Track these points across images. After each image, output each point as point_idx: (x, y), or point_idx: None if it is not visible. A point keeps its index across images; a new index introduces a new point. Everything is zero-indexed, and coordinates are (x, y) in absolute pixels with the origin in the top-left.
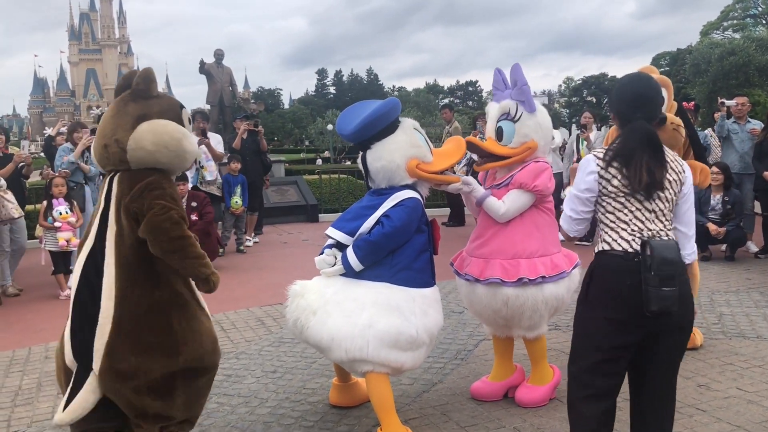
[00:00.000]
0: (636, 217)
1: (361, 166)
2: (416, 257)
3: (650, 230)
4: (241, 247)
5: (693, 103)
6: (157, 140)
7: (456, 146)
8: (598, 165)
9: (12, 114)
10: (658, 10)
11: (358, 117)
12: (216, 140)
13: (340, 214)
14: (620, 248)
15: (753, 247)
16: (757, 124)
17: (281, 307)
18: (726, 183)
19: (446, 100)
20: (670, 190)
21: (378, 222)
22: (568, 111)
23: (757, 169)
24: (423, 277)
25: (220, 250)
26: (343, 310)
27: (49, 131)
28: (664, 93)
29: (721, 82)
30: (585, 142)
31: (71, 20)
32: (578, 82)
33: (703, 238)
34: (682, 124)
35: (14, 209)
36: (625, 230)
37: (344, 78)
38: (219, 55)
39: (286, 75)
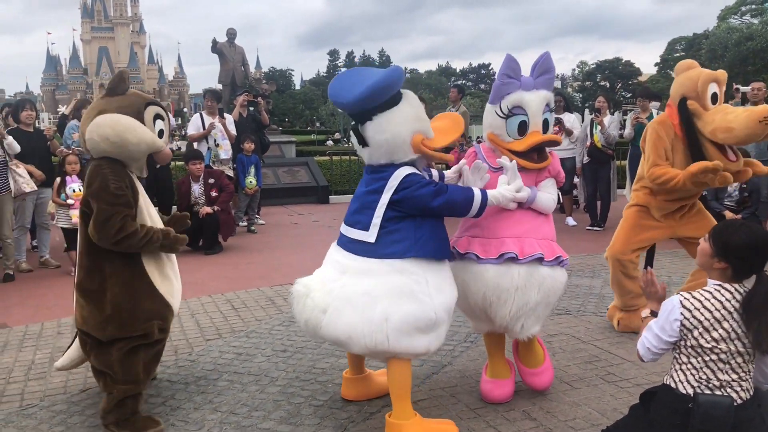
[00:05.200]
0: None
1: (354, 138)
2: (438, 226)
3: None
4: (252, 227)
5: None
6: (100, 132)
7: (453, 123)
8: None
9: (25, 91)
10: None
11: (360, 84)
12: (228, 121)
13: (350, 196)
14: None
15: None
16: None
17: (292, 287)
18: None
19: (459, 83)
20: None
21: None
22: (581, 95)
23: None
24: (446, 247)
25: None
26: (354, 306)
27: (63, 109)
28: (717, 89)
29: (738, 67)
30: (599, 127)
31: None
32: (592, 66)
33: None
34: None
35: (25, 184)
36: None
37: (356, 59)
38: (231, 34)
39: (299, 56)
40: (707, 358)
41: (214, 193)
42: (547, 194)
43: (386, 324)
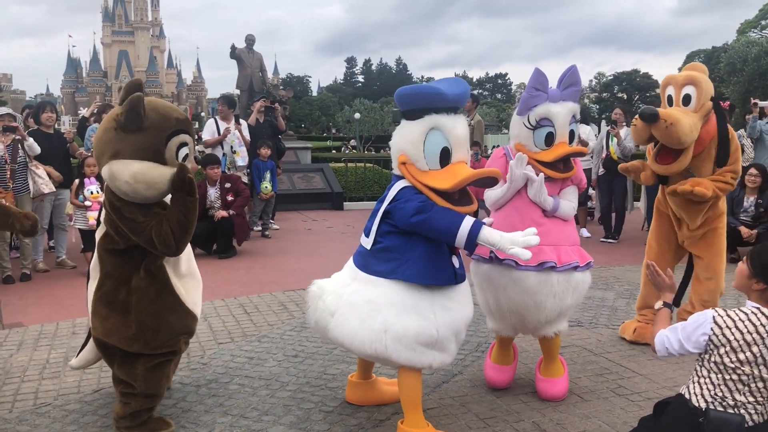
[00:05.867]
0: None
1: None
2: (434, 250)
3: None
4: (267, 232)
5: (728, 102)
6: (116, 185)
7: (456, 177)
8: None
9: (45, 93)
10: (698, 7)
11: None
12: (242, 126)
13: (365, 203)
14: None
15: None
16: None
17: (304, 292)
18: (762, 186)
19: (475, 92)
20: None
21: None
22: (598, 107)
23: None
24: (440, 272)
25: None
26: (359, 314)
27: (84, 112)
28: (693, 91)
29: (757, 81)
30: (615, 139)
31: (105, 2)
32: (610, 77)
33: (734, 241)
34: (677, 122)
35: (44, 185)
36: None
37: (373, 67)
38: (250, 40)
39: (317, 62)
40: (727, 377)
41: (230, 198)
42: (568, 201)
43: (385, 335)
